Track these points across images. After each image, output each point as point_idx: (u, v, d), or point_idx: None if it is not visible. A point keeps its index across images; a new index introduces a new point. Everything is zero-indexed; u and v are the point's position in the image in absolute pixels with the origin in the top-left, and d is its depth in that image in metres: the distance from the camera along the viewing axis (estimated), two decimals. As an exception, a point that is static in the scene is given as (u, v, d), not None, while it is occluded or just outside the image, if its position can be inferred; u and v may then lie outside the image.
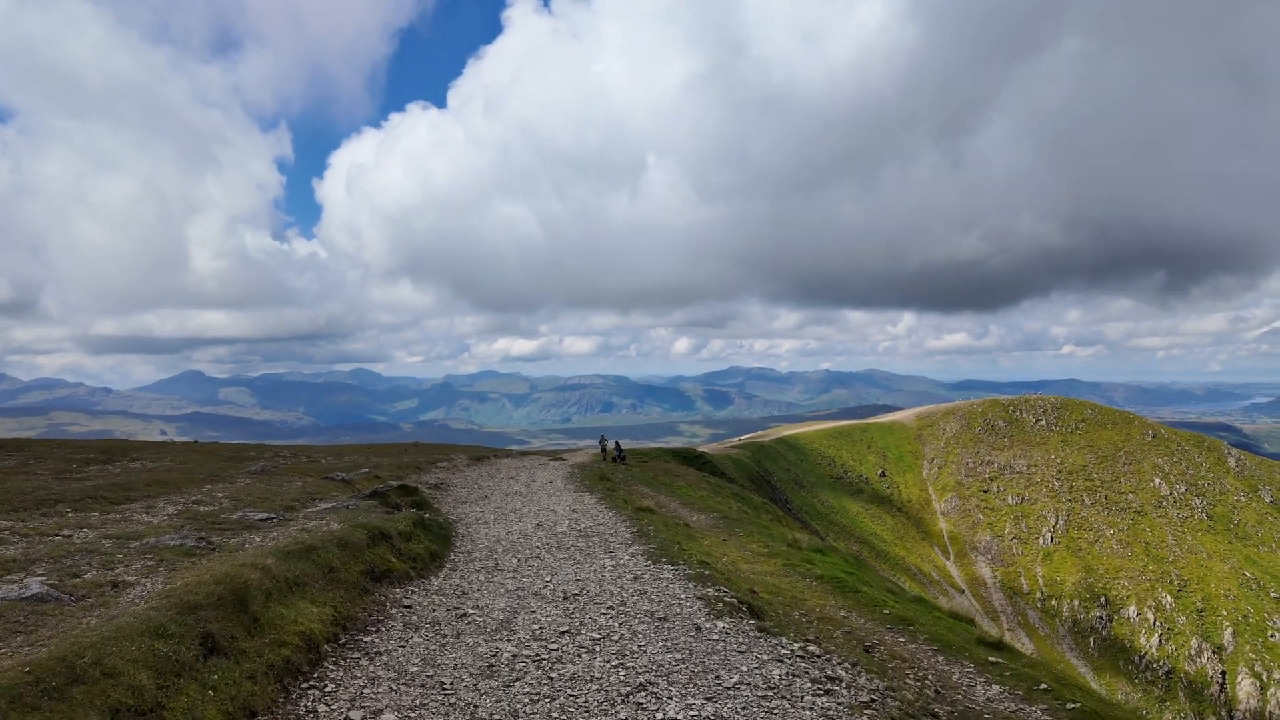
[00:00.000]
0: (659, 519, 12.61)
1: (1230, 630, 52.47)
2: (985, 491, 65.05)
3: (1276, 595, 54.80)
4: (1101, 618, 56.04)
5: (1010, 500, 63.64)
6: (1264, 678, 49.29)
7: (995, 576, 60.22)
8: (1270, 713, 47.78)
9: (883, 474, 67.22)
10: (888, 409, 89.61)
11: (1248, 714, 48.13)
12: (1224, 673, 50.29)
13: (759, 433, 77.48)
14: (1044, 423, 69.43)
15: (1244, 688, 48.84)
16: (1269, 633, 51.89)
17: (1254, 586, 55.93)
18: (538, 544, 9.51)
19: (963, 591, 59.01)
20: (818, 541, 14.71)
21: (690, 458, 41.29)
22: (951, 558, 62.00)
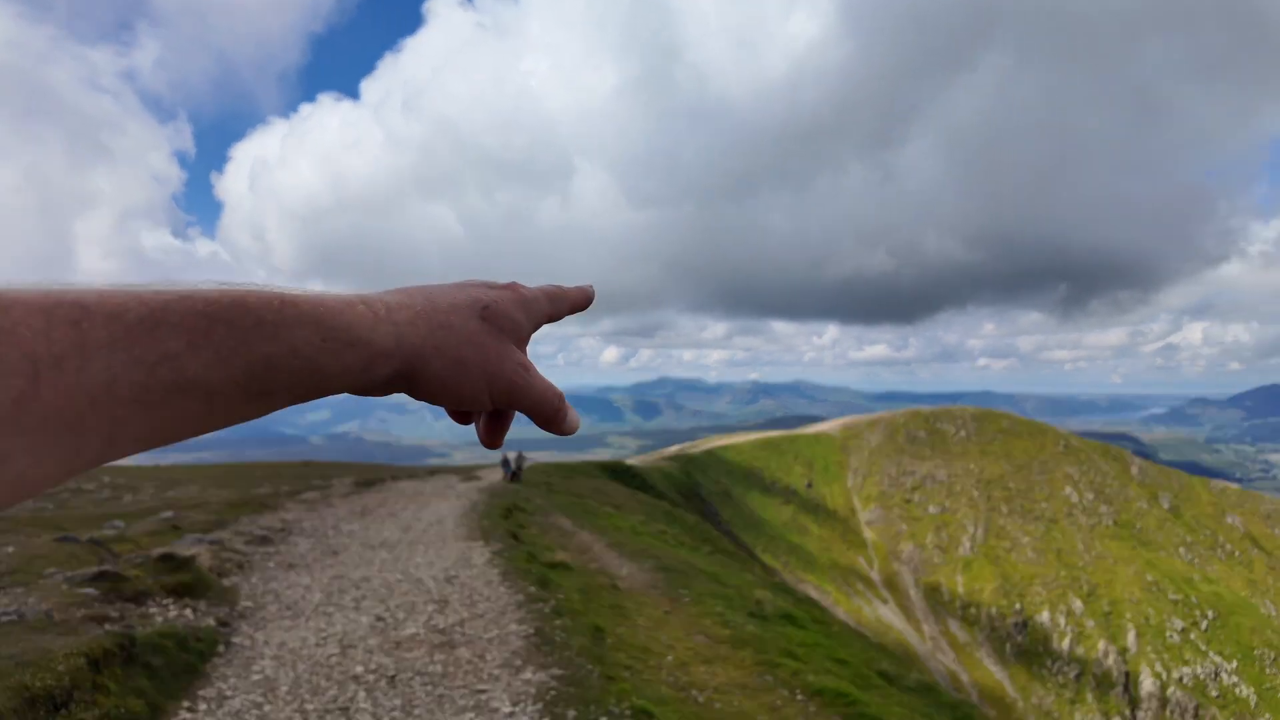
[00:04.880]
0: (577, 583, 8.54)
1: (1134, 632, 51.52)
2: (908, 501, 63.17)
3: (1175, 598, 54.03)
4: (1017, 624, 54.46)
5: (932, 510, 61.79)
6: (1164, 676, 48.29)
7: (918, 585, 58.17)
8: (1170, 712, 46.66)
9: (810, 485, 64.64)
10: (814, 419, 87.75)
11: (1149, 712, 46.96)
12: (1128, 673, 49.18)
13: (688, 444, 74.25)
14: (963, 434, 68.11)
15: (1146, 686, 47.72)
16: (1168, 633, 51.05)
17: (1155, 589, 55.22)
18: (359, 673, 5.32)
19: (886, 601, 56.69)
20: (784, 603, 10.87)
21: (619, 472, 37.43)
22: (876, 567, 59.72)
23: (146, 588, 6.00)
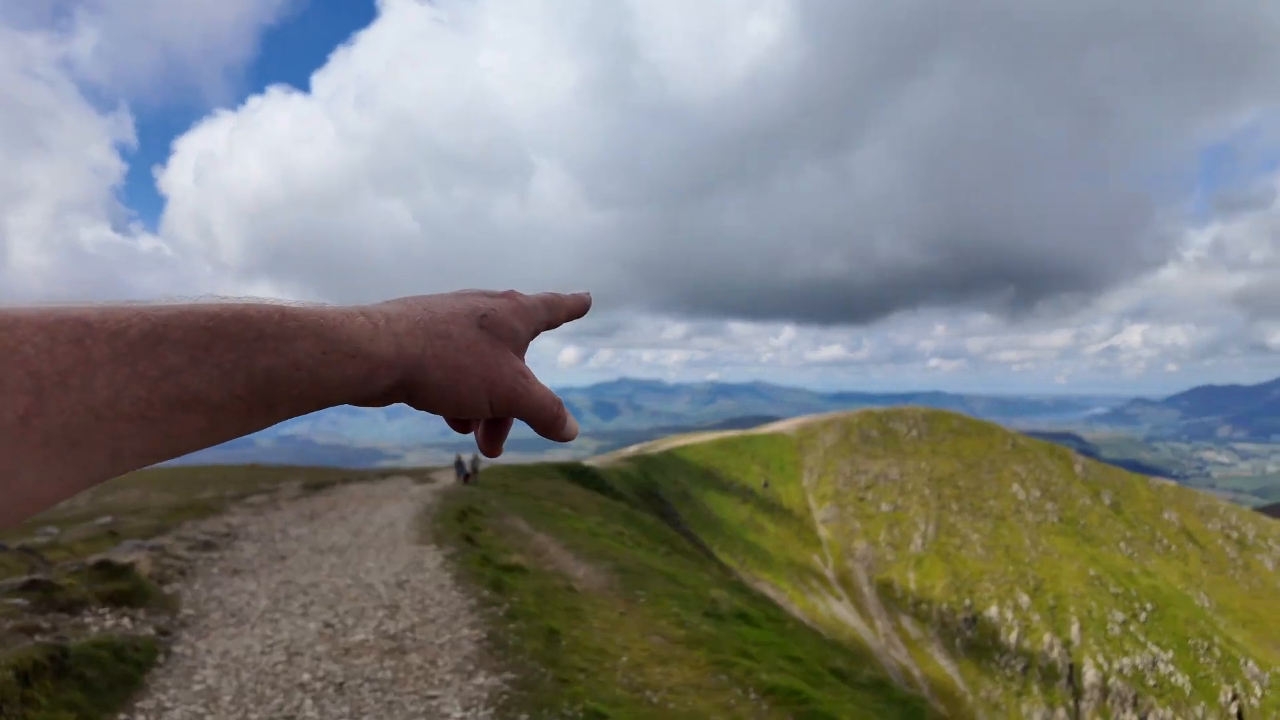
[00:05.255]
0: (532, 585, 8.47)
1: (1077, 625, 53.07)
2: (861, 500, 64.18)
3: (1116, 591, 55.81)
4: (967, 619, 55.70)
5: (885, 508, 62.88)
6: (1105, 667, 49.85)
7: (871, 582, 59.14)
8: (1110, 702, 48.21)
9: (766, 484, 65.25)
10: (771, 419, 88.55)
11: (1091, 703, 48.47)
12: (1072, 665, 50.66)
13: (647, 444, 74.37)
14: (915, 433, 69.45)
15: (1089, 677, 49.23)
16: (1109, 626, 52.69)
17: (1097, 584, 56.96)
18: (306, 681, 5.19)
19: (841, 598, 57.48)
20: (739, 602, 10.93)
21: (577, 473, 37.26)
22: (830, 564, 60.53)
23: (81, 596, 5.76)
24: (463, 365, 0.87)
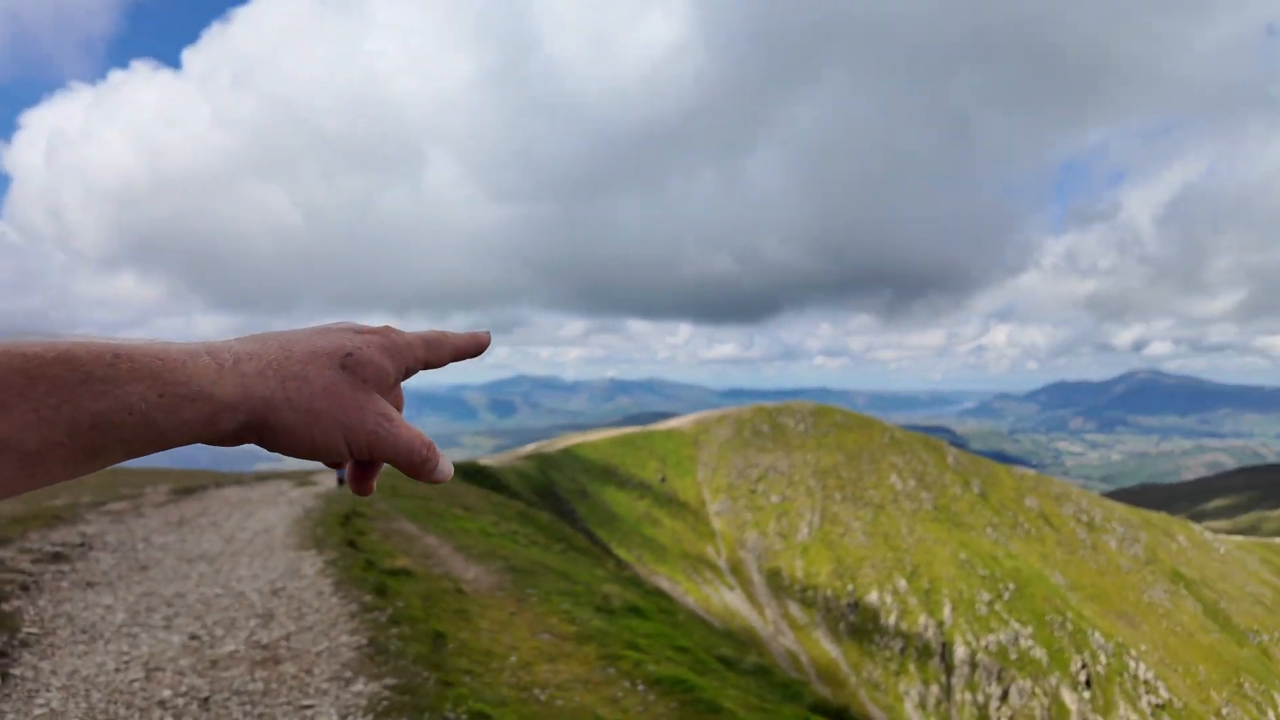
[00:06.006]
0: (418, 589, 8.23)
1: (949, 606, 56.30)
2: (753, 492, 65.97)
3: (983, 573, 59.67)
4: (850, 604, 58.17)
5: (774, 499, 64.89)
6: (973, 644, 53.13)
7: (761, 571, 60.88)
8: (978, 676, 51.39)
9: (663, 479, 66.06)
10: (668, 416, 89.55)
11: (961, 678, 51.52)
12: (944, 643, 53.68)
13: (545, 442, 73.75)
14: (802, 427, 72.02)
15: (959, 654, 52.37)
16: (977, 605, 56.23)
17: (967, 567, 60.62)
18: (167, 697, 4.85)
19: (733, 588, 58.91)
20: (632, 596, 11.01)
21: (472, 473, 36.50)
22: (723, 555, 61.92)
23: (-100, 619, 5.17)
24: (317, 409, 0.84)
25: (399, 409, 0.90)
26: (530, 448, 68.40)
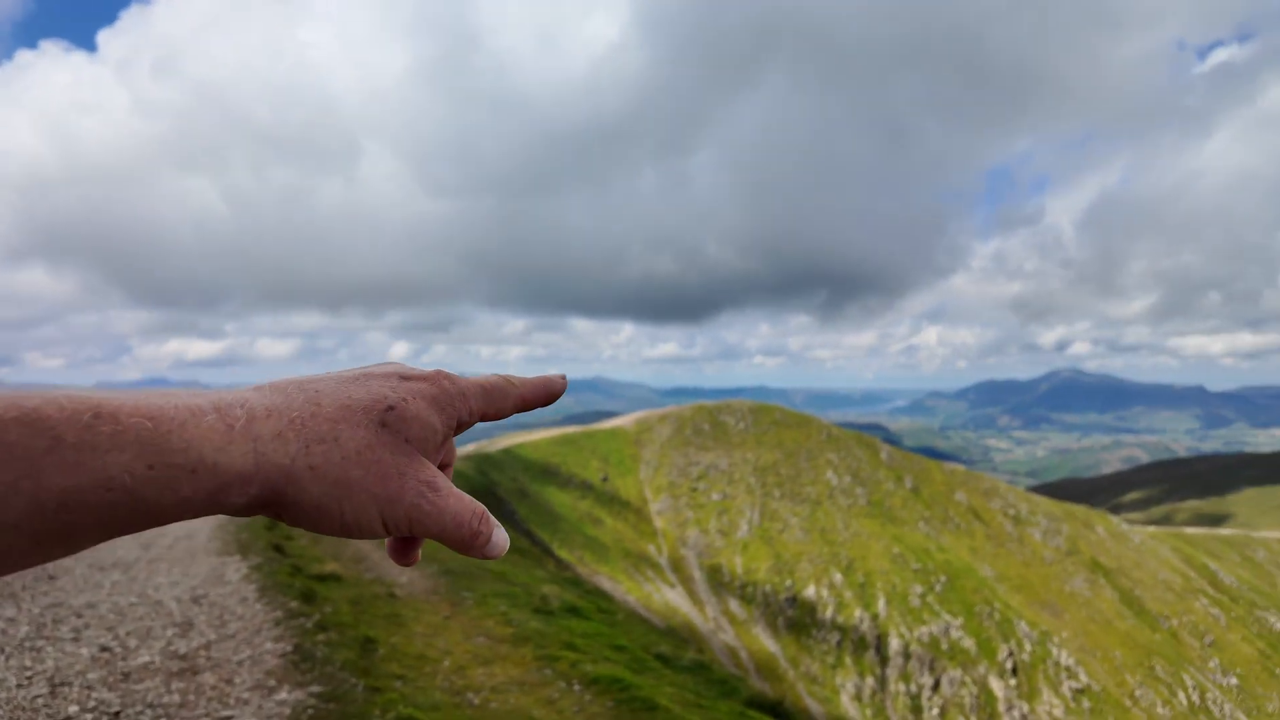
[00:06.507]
0: (348, 594, 8.02)
1: (884, 599, 57.71)
2: (694, 490, 66.54)
3: (915, 567, 61.44)
4: (788, 599, 59.11)
5: (715, 497, 65.57)
6: (907, 636, 54.53)
7: (702, 568, 61.42)
8: (911, 667, 52.83)
9: (605, 478, 66.04)
10: (611, 415, 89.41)
11: (895, 669, 52.85)
12: (879, 636, 54.98)
13: (485, 442, 72.76)
14: (742, 425, 73.00)
15: (893, 646, 53.68)
16: (910, 598, 57.83)
17: (900, 560, 62.28)
18: (74, 713, 4.58)
19: (674, 586, 59.26)
20: (571, 596, 10.96)
21: (409, 472, 35.73)
22: (665, 553, 62.23)
23: None
24: (348, 479, 0.72)
25: (450, 464, 0.78)
26: (470, 448, 67.46)
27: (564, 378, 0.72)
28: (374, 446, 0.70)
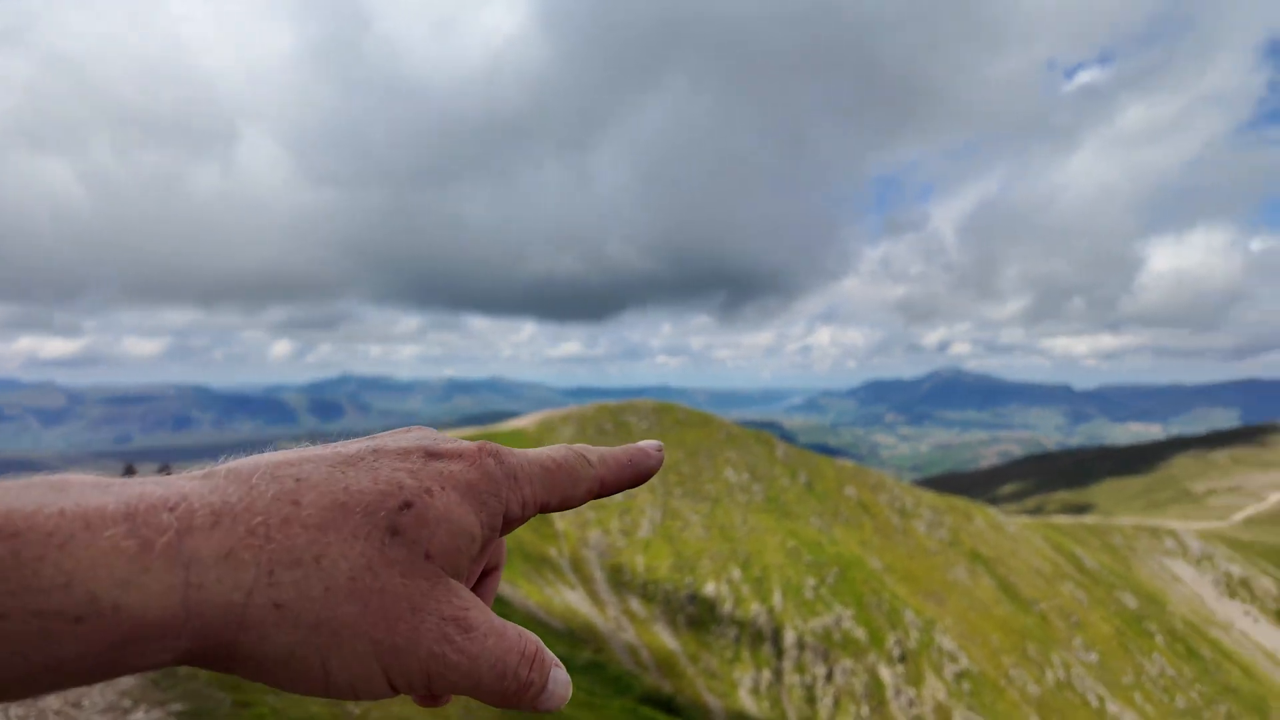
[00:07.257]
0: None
1: (779, 593, 59.15)
2: (595, 491, 66.24)
3: (809, 560, 63.44)
4: (689, 596, 59.61)
5: (617, 498, 65.49)
6: (801, 628, 56.03)
7: (603, 569, 61.22)
8: (806, 659, 54.38)
9: (503, 480, 64.82)
10: (511, 415, 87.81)
11: (791, 660, 54.23)
12: (775, 629, 56.23)
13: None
14: (645, 425, 73.36)
15: (788, 639, 55.05)
16: (804, 591, 59.59)
17: (794, 554, 64.12)
18: None
19: (575, 587, 58.85)
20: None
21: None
22: (566, 555, 61.74)
23: None
24: (334, 620, 0.46)
25: (497, 568, 0.49)
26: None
27: (660, 448, 0.48)
28: (376, 568, 0.46)
